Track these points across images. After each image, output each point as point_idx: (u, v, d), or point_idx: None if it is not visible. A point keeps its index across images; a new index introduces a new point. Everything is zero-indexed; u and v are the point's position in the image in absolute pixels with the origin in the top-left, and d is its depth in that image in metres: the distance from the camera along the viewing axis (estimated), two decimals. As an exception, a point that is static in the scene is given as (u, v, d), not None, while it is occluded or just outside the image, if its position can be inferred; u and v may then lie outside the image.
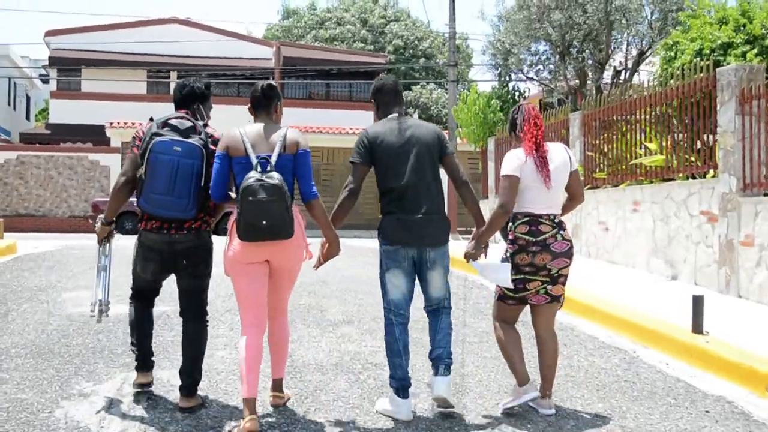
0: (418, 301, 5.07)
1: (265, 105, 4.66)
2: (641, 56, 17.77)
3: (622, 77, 18.46)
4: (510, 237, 4.92)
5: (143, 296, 5.17)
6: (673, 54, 11.52)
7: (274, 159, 4.37)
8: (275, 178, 4.23)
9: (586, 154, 13.67)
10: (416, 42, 46.17)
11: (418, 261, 4.82)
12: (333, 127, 29.84)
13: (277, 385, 4.93)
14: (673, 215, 10.58)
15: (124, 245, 6.21)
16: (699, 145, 10.33)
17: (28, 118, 43.19)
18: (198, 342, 4.95)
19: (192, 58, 32.93)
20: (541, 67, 19.45)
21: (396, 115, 4.95)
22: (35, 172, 27.41)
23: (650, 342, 7.03)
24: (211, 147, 4.68)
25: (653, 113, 11.58)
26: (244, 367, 4.43)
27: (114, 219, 5.00)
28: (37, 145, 29.80)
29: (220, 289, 9.76)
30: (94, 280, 5.14)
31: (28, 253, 14.45)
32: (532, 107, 5.11)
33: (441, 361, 4.83)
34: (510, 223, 4.93)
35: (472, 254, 4.99)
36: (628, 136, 12.25)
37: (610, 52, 17.93)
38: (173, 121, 4.71)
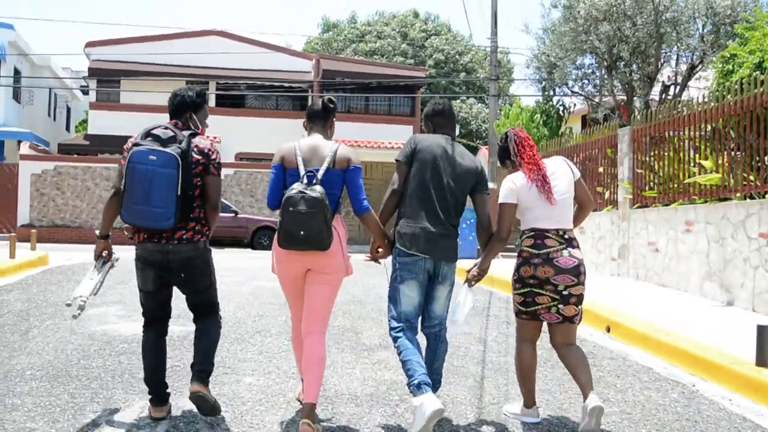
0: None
1: (322, 118, 4.87)
2: (692, 71, 17.09)
3: (670, 92, 17.78)
4: (518, 251, 5.04)
5: (154, 320, 4.98)
6: (730, 67, 10.96)
7: (320, 174, 4.53)
8: (317, 191, 4.38)
9: (635, 171, 13.11)
10: (457, 56, 45.75)
11: (433, 275, 4.88)
12: (372, 141, 29.58)
13: (308, 412, 4.48)
14: (729, 237, 9.99)
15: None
16: (758, 163, 9.74)
17: (68, 129, 43.34)
18: (208, 333, 4.94)
19: (230, 70, 32.76)
20: (586, 81, 18.84)
21: (449, 137, 5.06)
22: (72, 183, 27.33)
23: (710, 375, 6.49)
24: (195, 156, 4.67)
25: (708, 129, 11.00)
26: (300, 366, 4.97)
27: (109, 233, 4.90)
28: (75, 155, 29.75)
29: (251, 308, 9.38)
30: (84, 278, 4.93)
31: (59, 266, 14.23)
32: (519, 130, 5.20)
33: (433, 387, 4.82)
34: (519, 239, 5.06)
35: (471, 279, 5.05)
36: (681, 154, 11.67)
37: (659, 65, 17.26)
38: (156, 131, 4.69)
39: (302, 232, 4.37)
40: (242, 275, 13.42)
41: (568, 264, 4.82)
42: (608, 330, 8.54)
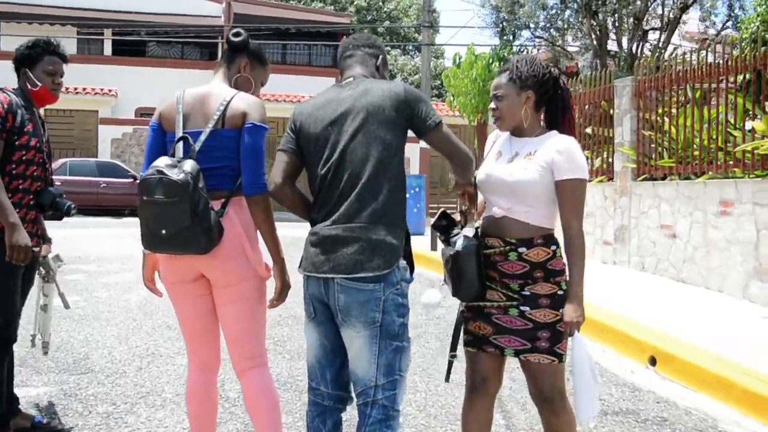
0: None
1: (226, 59, 3.58)
2: (684, 10, 14.46)
3: (649, 39, 15.25)
4: (559, 266, 3.26)
5: None
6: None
7: (203, 138, 3.30)
8: (184, 170, 3.13)
9: (641, 133, 10.47)
10: (380, 3, 43.12)
11: (331, 306, 3.07)
12: (290, 95, 27.28)
13: None
14: (795, 225, 7.48)
15: None
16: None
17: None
18: None
19: (129, 14, 29.41)
20: (549, 24, 16.12)
21: (350, 79, 3.28)
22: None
23: None
24: None
25: (750, 79, 8.52)
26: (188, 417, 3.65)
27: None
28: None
29: (138, 338, 6.55)
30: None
31: None
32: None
33: None
34: (555, 248, 3.26)
35: (571, 326, 3.17)
36: (712, 112, 9.18)
37: (648, 3, 14.55)
38: None
39: (164, 231, 3.18)
40: (133, 270, 10.32)
41: None
42: (653, 363, 6.11)
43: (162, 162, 3.22)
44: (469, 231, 3.28)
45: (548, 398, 3.27)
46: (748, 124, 8.44)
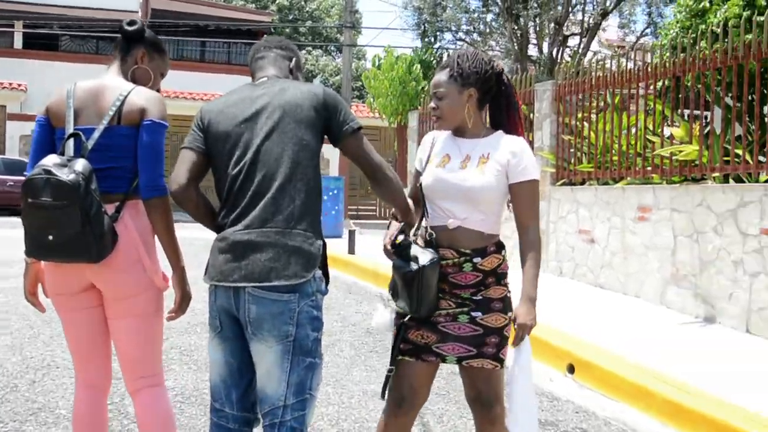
0: None
1: (120, 50, 3.32)
2: (604, 16, 14.59)
3: (569, 45, 15.36)
4: (506, 269, 3.22)
5: None
6: (706, 4, 8.38)
7: (96, 135, 3.04)
8: (75, 170, 2.88)
9: (561, 138, 10.46)
10: (302, 2, 42.74)
11: (240, 318, 2.81)
12: (208, 93, 26.58)
13: None
14: (711, 231, 7.51)
15: None
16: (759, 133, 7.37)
17: None
18: None
19: (41, 6, 28.60)
20: (471, 27, 16.13)
21: (264, 79, 3.07)
22: None
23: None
24: None
25: (663, 86, 8.59)
26: None
27: None
28: None
29: (34, 348, 6.05)
30: None
31: None
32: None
33: None
34: (504, 252, 3.23)
35: (529, 326, 3.10)
36: (631, 118, 9.23)
37: (569, 8, 14.63)
38: None
39: (51, 237, 2.90)
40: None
41: None
42: (572, 371, 6.00)
43: (50, 161, 2.95)
44: (421, 241, 3.12)
45: (486, 403, 3.14)
46: (667, 131, 8.50)
